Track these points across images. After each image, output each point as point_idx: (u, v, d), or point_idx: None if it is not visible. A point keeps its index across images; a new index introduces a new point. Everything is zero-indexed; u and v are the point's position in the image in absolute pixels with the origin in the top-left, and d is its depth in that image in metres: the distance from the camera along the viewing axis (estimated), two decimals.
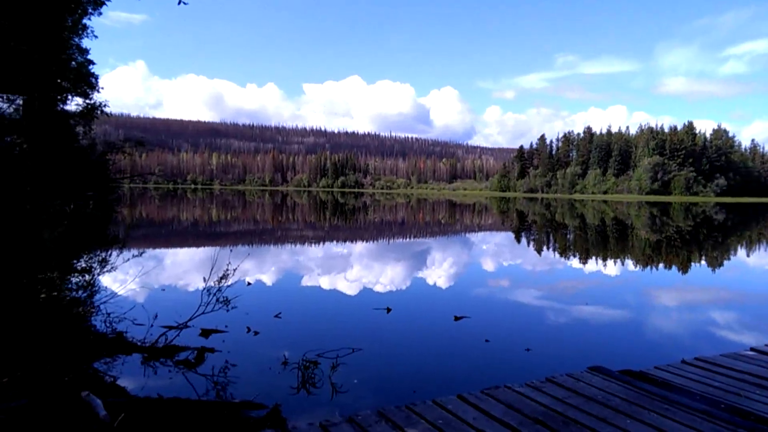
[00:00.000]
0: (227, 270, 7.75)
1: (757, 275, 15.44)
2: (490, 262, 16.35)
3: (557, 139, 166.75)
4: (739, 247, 23.45)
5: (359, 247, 20.47)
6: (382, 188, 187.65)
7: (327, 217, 40.24)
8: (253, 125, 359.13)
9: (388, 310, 9.19)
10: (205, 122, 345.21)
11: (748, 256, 20.47)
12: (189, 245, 19.82)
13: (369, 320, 8.67)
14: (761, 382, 4.46)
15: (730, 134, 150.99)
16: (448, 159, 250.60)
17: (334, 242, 22.04)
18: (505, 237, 26.39)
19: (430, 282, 12.46)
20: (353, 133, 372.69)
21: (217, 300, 7.57)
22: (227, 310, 7.66)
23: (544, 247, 21.60)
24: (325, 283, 11.96)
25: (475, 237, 25.79)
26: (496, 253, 19.04)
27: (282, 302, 9.87)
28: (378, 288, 11.45)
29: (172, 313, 8.33)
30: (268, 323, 8.28)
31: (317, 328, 8.27)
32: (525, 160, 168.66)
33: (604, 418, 3.58)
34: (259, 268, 13.74)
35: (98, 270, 9.52)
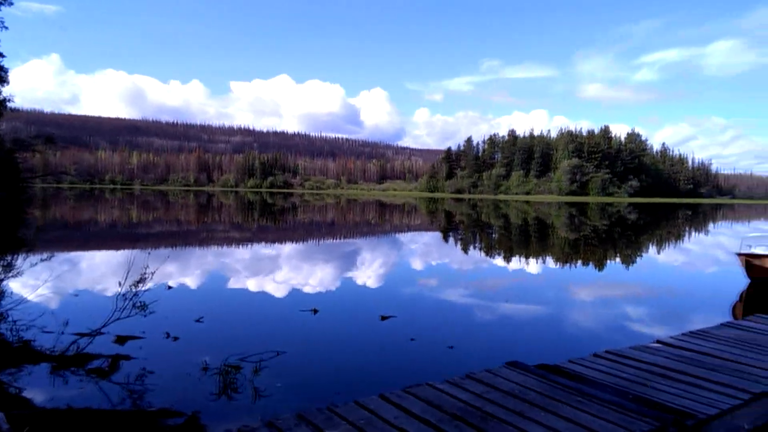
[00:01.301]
0: (144, 273, 7.44)
1: (665, 271, 16.45)
2: (418, 262, 16.56)
3: (483, 142, 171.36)
4: (649, 245, 24.92)
5: (287, 248, 20.21)
6: (311, 189, 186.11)
7: (254, 217, 39.48)
8: (176, 123, 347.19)
9: (315, 311, 9.12)
10: (124, 119, 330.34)
11: (657, 253, 21.79)
12: (105, 248, 18.89)
13: (295, 322, 8.56)
14: (666, 373, 4.74)
15: (643, 138, 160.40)
16: (378, 160, 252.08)
17: (262, 244, 21.65)
18: (433, 237, 26.82)
19: (359, 282, 12.47)
20: (282, 132, 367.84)
21: (134, 305, 7.25)
22: (145, 316, 7.35)
23: (470, 247, 22.12)
24: (250, 285, 11.71)
25: (404, 237, 26.07)
26: (425, 252, 19.31)
27: (204, 306, 9.57)
28: (305, 289, 11.33)
29: (84, 319, 7.91)
30: (189, 328, 8.01)
31: (241, 331, 8.08)
32: (452, 161, 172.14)
33: (521, 412, 3.69)
34: (181, 271, 13.28)
35: (2, 275, 8.91)
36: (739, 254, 13.03)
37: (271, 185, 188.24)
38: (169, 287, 11.03)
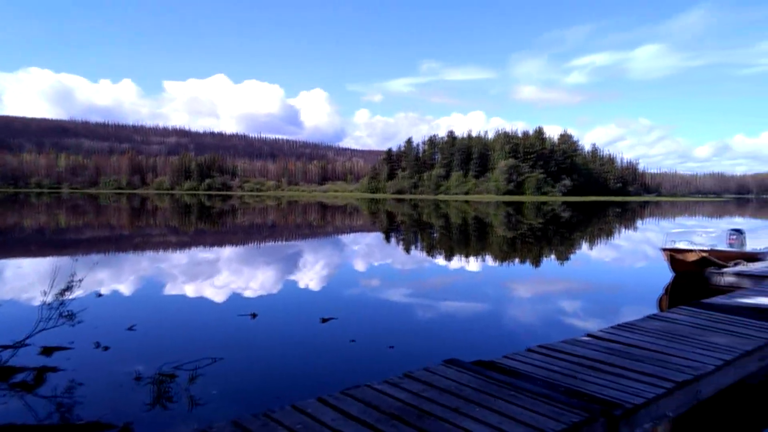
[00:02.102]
0: (72, 281, 7.12)
1: (596, 266, 17.12)
2: (360, 263, 16.56)
3: (423, 143, 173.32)
4: (582, 242, 25.88)
5: (226, 252, 19.78)
6: (251, 191, 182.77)
7: (191, 221, 38.42)
8: (107, 123, 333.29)
9: (254, 315, 8.96)
10: (50, 120, 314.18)
11: (590, 249, 22.65)
12: (29, 255, 17.91)
13: (232, 327, 8.38)
14: (595, 365, 4.93)
15: (575, 139, 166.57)
16: (319, 161, 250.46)
17: (199, 248, 21.09)
18: (375, 237, 26.90)
19: (300, 285, 12.35)
20: (219, 133, 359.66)
21: (61, 314, 6.92)
22: (73, 325, 7.05)
23: (412, 246, 22.32)
24: (187, 291, 11.39)
25: (346, 238, 26.02)
26: (366, 253, 19.33)
27: (137, 313, 9.24)
28: (245, 294, 11.11)
29: (7, 331, 7.51)
30: (121, 336, 7.71)
31: (176, 339, 7.84)
32: (393, 162, 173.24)
33: (457, 408, 3.75)
34: (112, 278, 12.77)
35: None
36: (664, 249, 13.72)
37: (208, 187, 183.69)
38: (99, 295, 10.58)
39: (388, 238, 26.29)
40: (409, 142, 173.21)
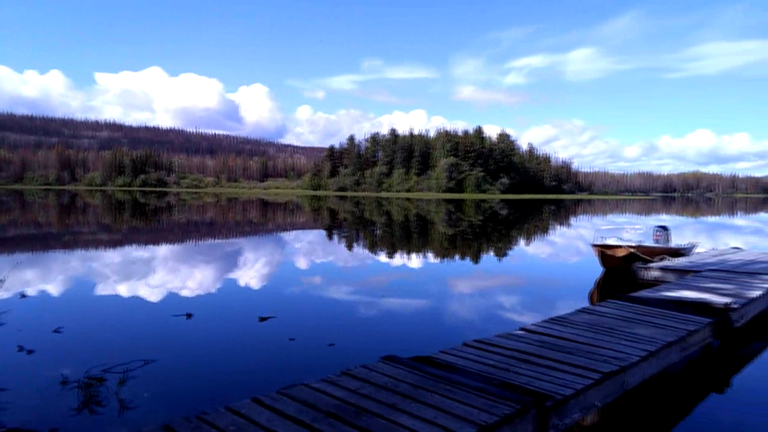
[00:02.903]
0: None
1: (533, 262, 17.62)
2: (301, 261, 16.40)
3: (365, 140, 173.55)
4: (519, 238, 26.58)
5: (161, 250, 19.16)
6: (188, 187, 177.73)
7: (124, 218, 37.00)
8: (33, 116, 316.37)
9: (189, 316, 8.72)
10: None
11: (526, 245, 23.30)
12: None
13: (166, 328, 8.13)
14: (527, 358, 5.07)
15: (512, 138, 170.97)
16: (260, 157, 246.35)
17: (132, 246, 20.34)
18: (317, 235, 26.72)
19: (238, 284, 12.11)
20: (155, 128, 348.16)
21: None
22: None
23: (354, 244, 22.30)
24: (119, 291, 10.95)
25: (287, 236, 25.72)
26: (308, 251, 19.17)
27: (64, 315, 8.82)
28: (180, 293, 10.80)
29: None
30: (46, 339, 7.35)
31: (106, 341, 7.53)
32: (335, 159, 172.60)
33: (393, 404, 3.77)
34: (38, 278, 12.14)
35: None
36: (594, 245, 14.27)
37: (143, 184, 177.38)
38: (23, 296, 10.04)
39: (330, 236, 26.18)
40: (351, 139, 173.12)
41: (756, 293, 8.68)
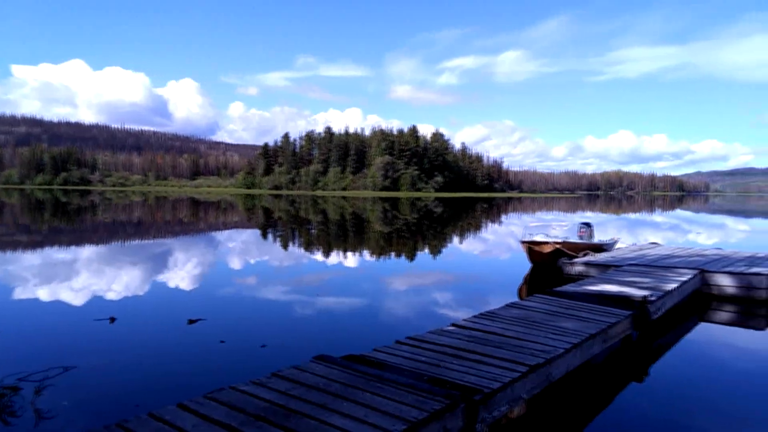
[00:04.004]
0: None
1: (465, 259, 17.98)
2: (234, 261, 16.04)
3: (300, 138, 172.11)
4: (453, 236, 27.06)
5: (84, 251, 18.25)
6: (113, 186, 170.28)
7: (43, 218, 35.00)
8: None
9: (112, 320, 8.35)
10: None
11: (460, 243, 23.75)
12: None
13: (88, 333, 7.74)
14: (457, 353, 5.16)
15: (446, 138, 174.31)
16: (190, 155, 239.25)
17: (52, 247, 19.26)
18: (251, 234, 26.21)
19: (167, 285, 11.70)
20: (77, 123, 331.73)
21: None
22: None
23: (289, 243, 22.03)
24: (37, 294, 10.34)
25: (220, 236, 25.09)
26: (241, 251, 18.77)
27: None
28: (104, 296, 10.31)
29: None
30: None
31: (22, 348, 7.10)
32: (270, 157, 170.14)
33: (324, 404, 3.74)
34: None
35: None
36: (522, 242, 14.71)
37: (64, 182, 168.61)
38: None
39: (264, 235, 25.75)
40: (286, 136, 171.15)
41: (671, 286, 9.19)
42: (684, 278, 10.02)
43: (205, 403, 3.75)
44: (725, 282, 10.58)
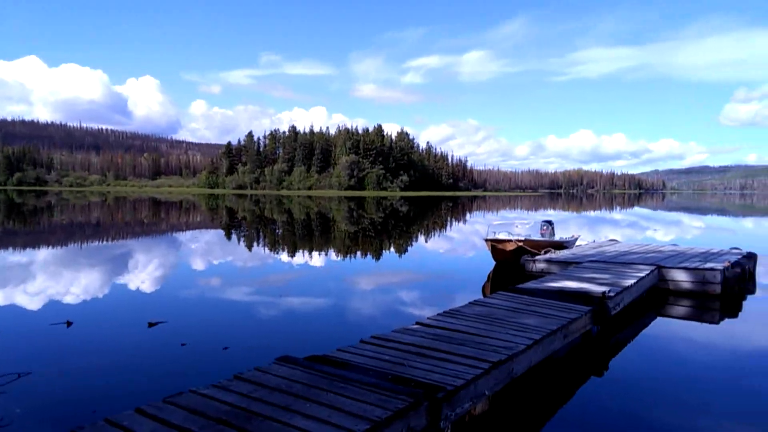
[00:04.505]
0: None
1: (431, 257, 18.09)
2: (197, 262, 15.77)
3: (264, 137, 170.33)
4: (419, 235, 27.18)
5: (40, 254, 17.68)
6: (71, 186, 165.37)
7: None
8: None
9: (69, 324, 8.10)
10: None
11: (426, 241, 23.86)
12: None
13: (43, 338, 7.50)
14: (421, 351, 5.18)
15: (411, 137, 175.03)
16: (150, 154, 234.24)
17: (6, 250, 18.60)
18: (214, 234, 25.82)
19: (126, 288, 11.43)
20: (32, 122, 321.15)
21: None
22: None
23: (253, 243, 21.78)
24: None
25: (182, 236, 24.63)
26: (204, 252, 18.47)
27: None
28: (60, 300, 10.00)
29: None
30: None
31: None
32: (233, 156, 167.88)
33: (287, 406, 3.70)
34: None
35: None
36: (486, 240, 14.88)
37: (19, 182, 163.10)
38: None
39: (228, 236, 25.40)
40: (250, 135, 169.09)
41: (629, 282, 9.43)
42: (641, 274, 10.29)
43: (164, 408, 3.66)
44: (681, 277, 10.90)
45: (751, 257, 12.98)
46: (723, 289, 10.45)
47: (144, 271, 13.72)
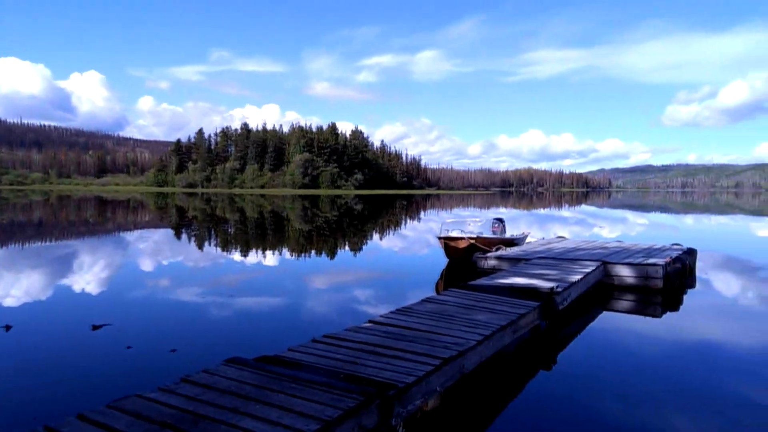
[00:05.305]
0: None
1: (385, 255, 18.12)
2: (145, 263, 15.32)
3: (216, 134, 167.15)
4: (373, 233, 27.20)
5: None
6: (11, 184, 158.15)
7: None
8: None
9: (7, 327, 7.75)
10: None
11: (380, 239, 23.90)
12: None
13: None
14: (374, 349, 5.18)
15: (365, 135, 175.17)
16: (96, 151, 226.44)
17: None
18: (164, 234, 25.15)
19: (70, 290, 11.00)
20: None
21: None
22: None
23: (204, 243, 21.33)
24: None
25: (130, 236, 23.90)
26: (153, 252, 17.97)
27: None
28: None
29: None
30: None
31: None
32: (183, 154, 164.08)
33: (235, 408, 3.64)
34: None
35: None
36: (439, 237, 15.03)
37: None
38: None
39: (178, 235, 24.79)
40: (200, 132, 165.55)
41: (576, 277, 9.70)
42: (588, 270, 10.60)
43: (108, 413, 3.55)
44: (625, 273, 11.29)
45: (692, 253, 13.55)
46: (664, 284, 10.88)
47: (89, 273, 13.25)
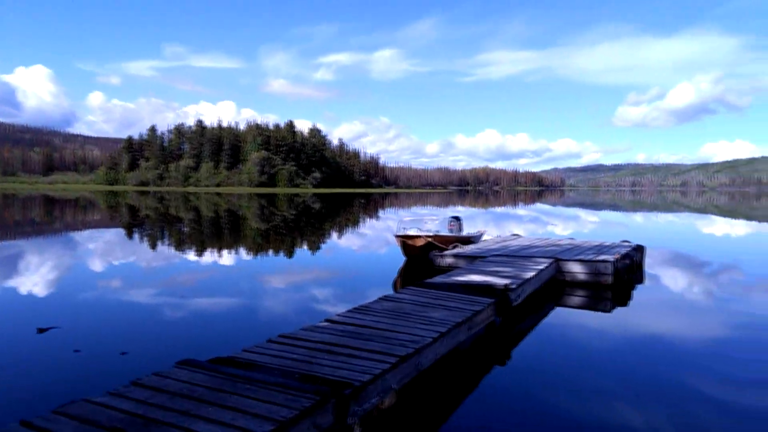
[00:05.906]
0: None
1: (343, 254, 18.07)
2: (94, 263, 14.84)
3: (169, 131, 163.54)
4: (331, 232, 27.10)
5: None
6: None
7: None
8: None
9: None
10: None
11: (338, 238, 23.82)
12: None
13: None
14: (330, 348, 5.16)
15: (324, 133, 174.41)
16: (43, 148, 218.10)
17: None
18: (114, 234, 24.42)
19: (14, 292, 10.56)
20: None
21: None
22: None
23: (158, 242, 20.81)
24: None
25: (79, 236, 23.11)
26: (103, 252, 17.43)
27: None
28: None
29: None
30: None
31: None
32: (135, 151, 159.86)
33: (187, 411, 3.56)
34: None
35: None
36: (397, 236, 15.09)
37: None
38: None
39: (129, 235, 24.12)
40: (153, 129, 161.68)
41: (530, 274, 9.89)
42: (541, 267, 10.83)
43: (53, 419, 3.42)
44: (576, 269, 11.58)
45: (640, 249, 14.01)
46: (614, 280, 11.22)
47: (35, 274, 12.75)
